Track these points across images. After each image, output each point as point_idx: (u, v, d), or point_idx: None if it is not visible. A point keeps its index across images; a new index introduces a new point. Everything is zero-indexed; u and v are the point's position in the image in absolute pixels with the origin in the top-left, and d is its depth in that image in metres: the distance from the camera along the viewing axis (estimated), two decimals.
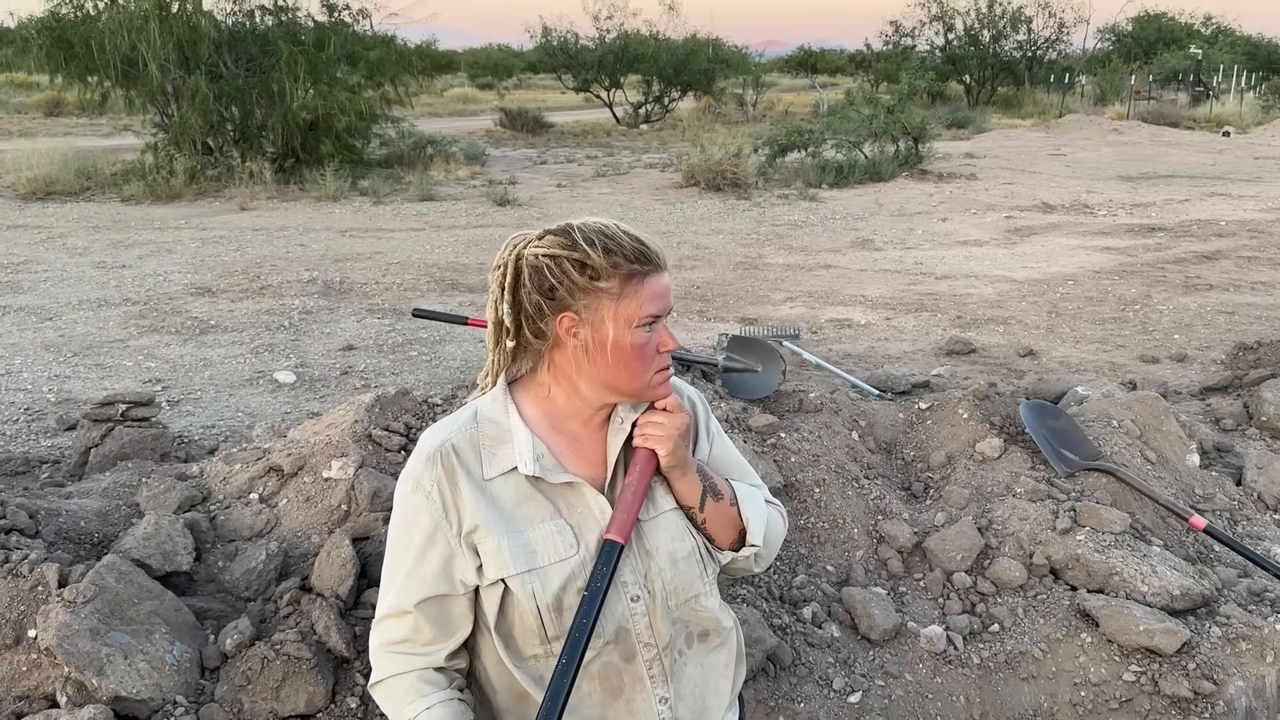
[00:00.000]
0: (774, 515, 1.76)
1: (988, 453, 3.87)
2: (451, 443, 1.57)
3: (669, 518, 1.63)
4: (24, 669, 2.63)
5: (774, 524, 1.74)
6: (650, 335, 1.54)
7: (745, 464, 1.80)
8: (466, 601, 1.59)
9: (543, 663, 1.59)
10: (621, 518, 1.54)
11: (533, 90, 44.21)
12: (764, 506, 1.72)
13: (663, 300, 1.53)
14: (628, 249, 1.51)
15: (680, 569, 1.63)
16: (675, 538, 1.63)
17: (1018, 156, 19.53)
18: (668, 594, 1.62)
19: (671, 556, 1.62)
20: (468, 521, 1.54)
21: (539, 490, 1.58)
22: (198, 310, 7.82)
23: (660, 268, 1.54)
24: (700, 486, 1.63)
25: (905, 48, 40.29)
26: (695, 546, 1.66)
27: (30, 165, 14.19)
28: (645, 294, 1.51)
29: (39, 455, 4.71)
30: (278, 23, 16.18)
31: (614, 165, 18.28)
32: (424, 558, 1.56)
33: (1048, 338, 7.15)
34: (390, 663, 1.60)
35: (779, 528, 1.77)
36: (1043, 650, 3.17)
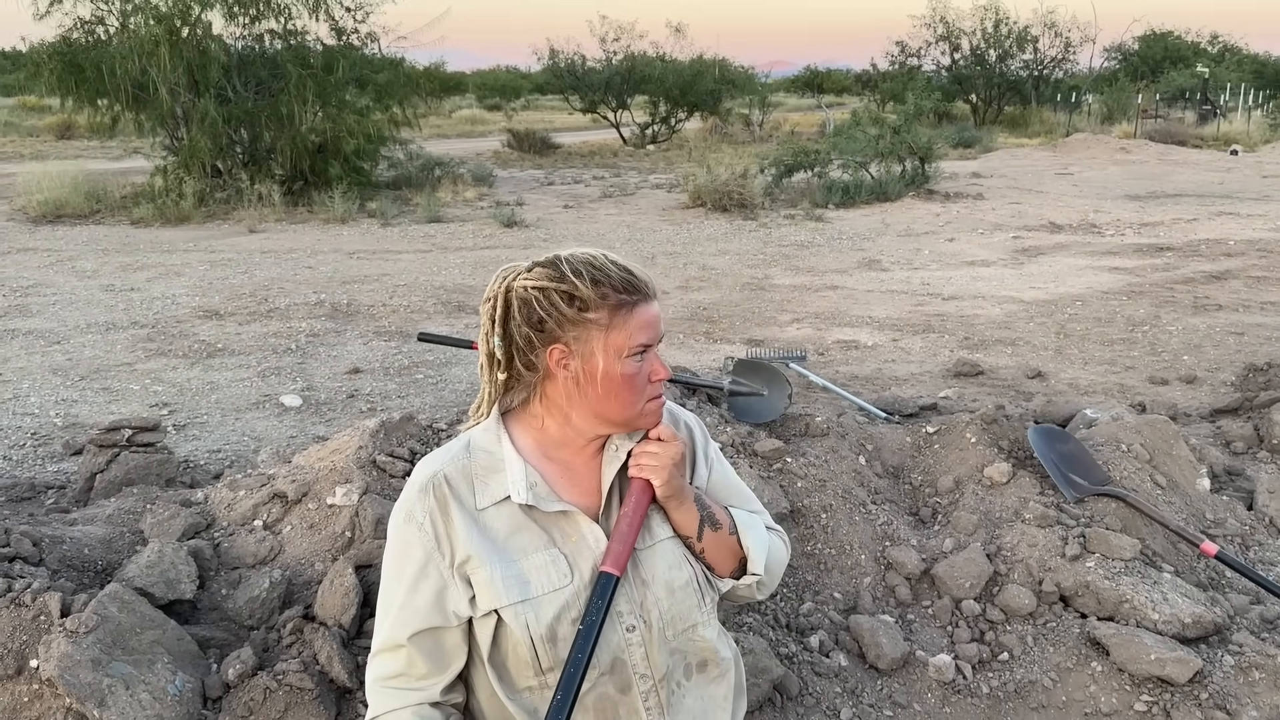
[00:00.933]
0: (775, 542, 1.74)
1: (996, 478, 3.84)
2: (444, 473, 1.57)
3: (666, 546, 1.62)
4: (25, 699, 2.61)
5: (776, 551, 1.73)
6: (641, 365, 1.54)
7: (746, 490, 1.79)
8: (460, 634, 1.58)
9: (537, 695, 1.58)
10: (617, 549, 1.54)
11: (540, 111, 44.44)
12: (765, 533, 1.71)
13: (652, 330, 1.53)
14: (615, 279, 1.50)
15: (677, 598, 1.62)
16: (672, 566, 1.62)
17: (1025, 176, 19.53)
18: (665, 624, 1.60)
19: (668, 585, 1.61)
20: (460, 552, 1.54)
21: (533, 519, 1.57)
22: (205, 333, 7.83)
23: (649, 297, 1.54)
24: (698, 515, 1.63)
25: (911, 68, 40.38)
26: (693, 575, 1.64)
27: (41, 188, 14.28)
28: (634, 324, 1.51)
29: (45, 480, 4.70)
30: (286, 46, 16.30)
31: (621, 186, 18.32)
32: (417, 589, 1.55)
33: (1056, 359, 7.12)
34: (386, 698, 1.58)
35: (781, 555, 1.76)
36: (1053, 679, 3.13)
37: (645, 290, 1.53)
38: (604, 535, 1.58)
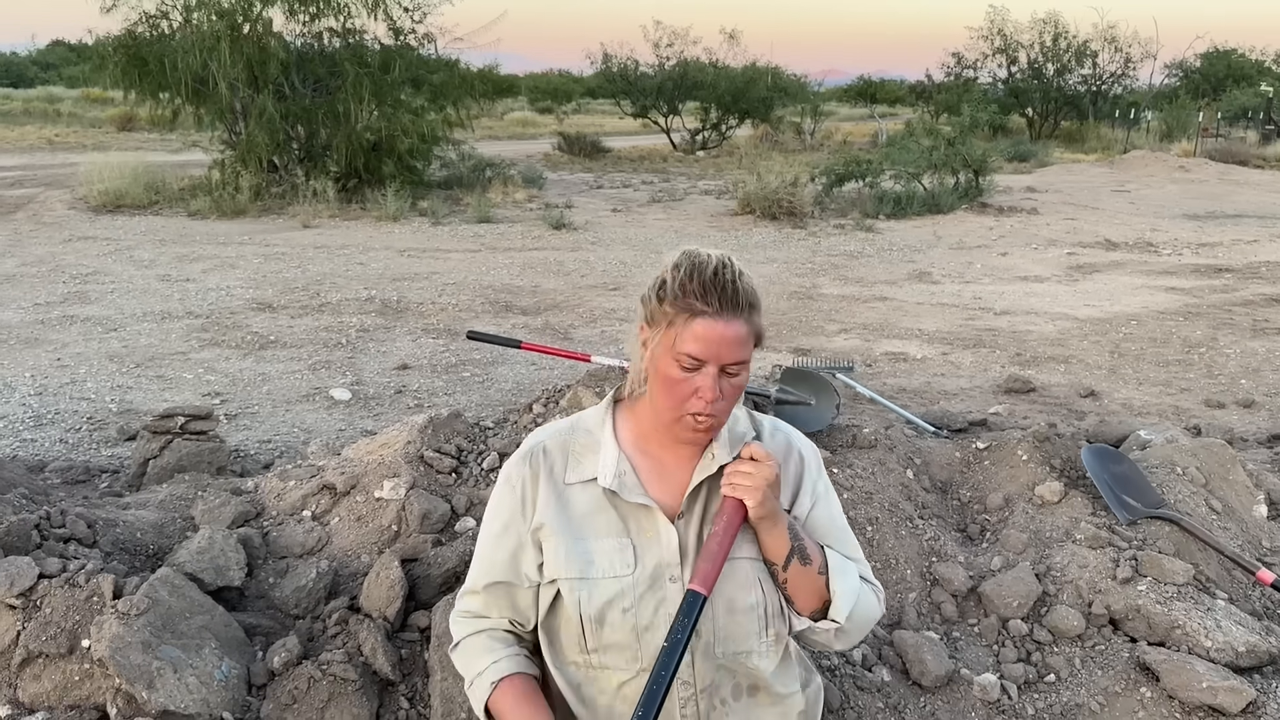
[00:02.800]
0: (867, 594, 1.66)
1: (1047, 496, 3.78)
2: (545, 444, 1.67)
3: (741, 565, 1.60)
4: (76, 678, 2.66)
5: (866, 603, 1.65)
6: (687, 377, 1.51)
7: (849, 533, 1.72)
8: (531, 594, 1.66)
9: (581, 671, 1.62)
10: (705, 568, 1.53)
11: (591, 115, 44.59)
12: (857, 582, 1.64)
13: (706, 347, 1.48)
14: (701, 285, 1.49)
15: (736, 620, 1.60)
16: (741, 586, 1.59)
17: (1080, 192, 19.24)
18: (715, 640, 1.60)
19: (730, 604, 1.59)
20: (538, 518, 1.62)
21: (613, 505, 1.61)
22: (258, 325, 7.95)
23: (722, 315, 1.48)
24: (789, 545, 1.58)
25: (967, 79, 39.97)
26: (762, 602, 1.60)
27: (102, 178, 14.59)
28: (690, 332, 1.49)
29: (99, 464, 4.80)
30: (345, 45, 16.50)
31: (670, 191, 18.33)
32: (498, 545, 1.67)
33: (1110, 379, 7.00)
34: (463, 627, 1.74)
35: (872, 610, 1.67)
36: (1100, 703, 3.07)
37: (721, 307, 1.48)
38: (676, 536, 1.59)
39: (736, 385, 1.54)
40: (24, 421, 5.57)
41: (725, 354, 1.49)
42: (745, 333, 1.50)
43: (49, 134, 27.36)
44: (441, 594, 3.06)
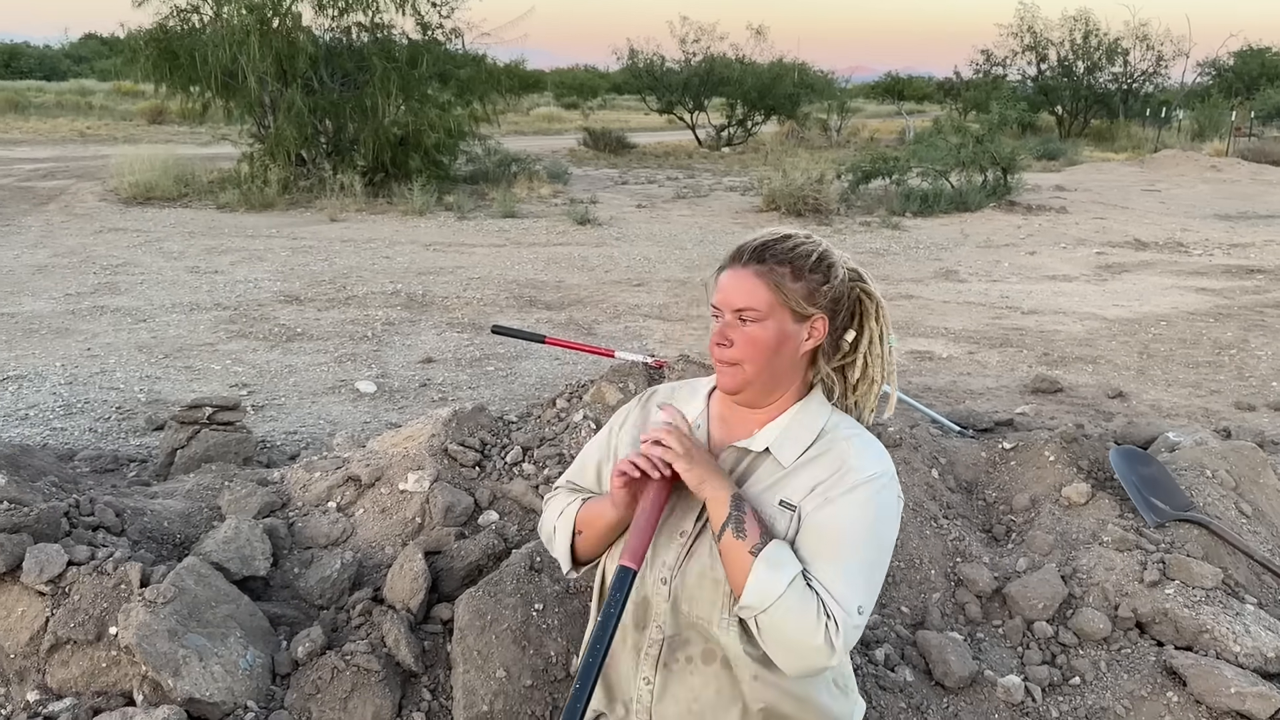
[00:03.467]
0: (799, 605, 1.50)
1: (1074, 498, 3.75)
2: (658, 389, 1.84)
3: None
4: (103, 665, 2.69)
5: (787, 612, 1.50)
6: (714, 325, 1.64)
7: (850, 558, 1.55)
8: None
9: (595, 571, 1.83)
10: (632, 543, 1.58)
11: (616, 111, 44.60)
12: (782, 583, 1.50)
13: (721, 295, 1.62)
14: (733, 246, 1.65)
15: (704, 586, 1.62)
16: (717, 558, 1.60)
17: (1110, 191, 19.05)
18: (683, 597, 1.64)
19: (702, 571, 1.62)
20: (620, 442, 1.79)
21: None
22: (285, 318, 8.00)
23: (734, 265, 1.62)
24: (726, 512, 1.55)
25: (996, 77, 39.64)
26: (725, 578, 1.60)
27: (133, 171, 14.73)
28: (717, 285, 1.64)
29: (128, 453, 4.85)
30: (373, 40, 16.57)
31: (694, 187, 18.30)
32: (589, 453, 1.86)
33: (1138, 380, 6.93)
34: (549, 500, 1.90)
35: (801, 624, 1.50)
36: (1126, 707, 3.04)
37: (734, 259, 1.62)
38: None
39: (750, 335, 1.59)
40: (54, 410, 5.64)
41: (733, 299, 1.59)
42: (752, 282, 1.58)
43: (81, 126, 27.68)
44: (464, 587, 3.07)
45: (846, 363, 1.68)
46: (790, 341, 1.60)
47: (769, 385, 1.63)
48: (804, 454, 1.62)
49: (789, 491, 1.60)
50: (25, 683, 2.70)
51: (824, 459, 1.61)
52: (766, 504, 1.60)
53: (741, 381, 1.62)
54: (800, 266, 1.59)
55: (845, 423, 1.68)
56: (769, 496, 1.61)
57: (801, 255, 1.60)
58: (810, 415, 1.65)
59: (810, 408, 1.66)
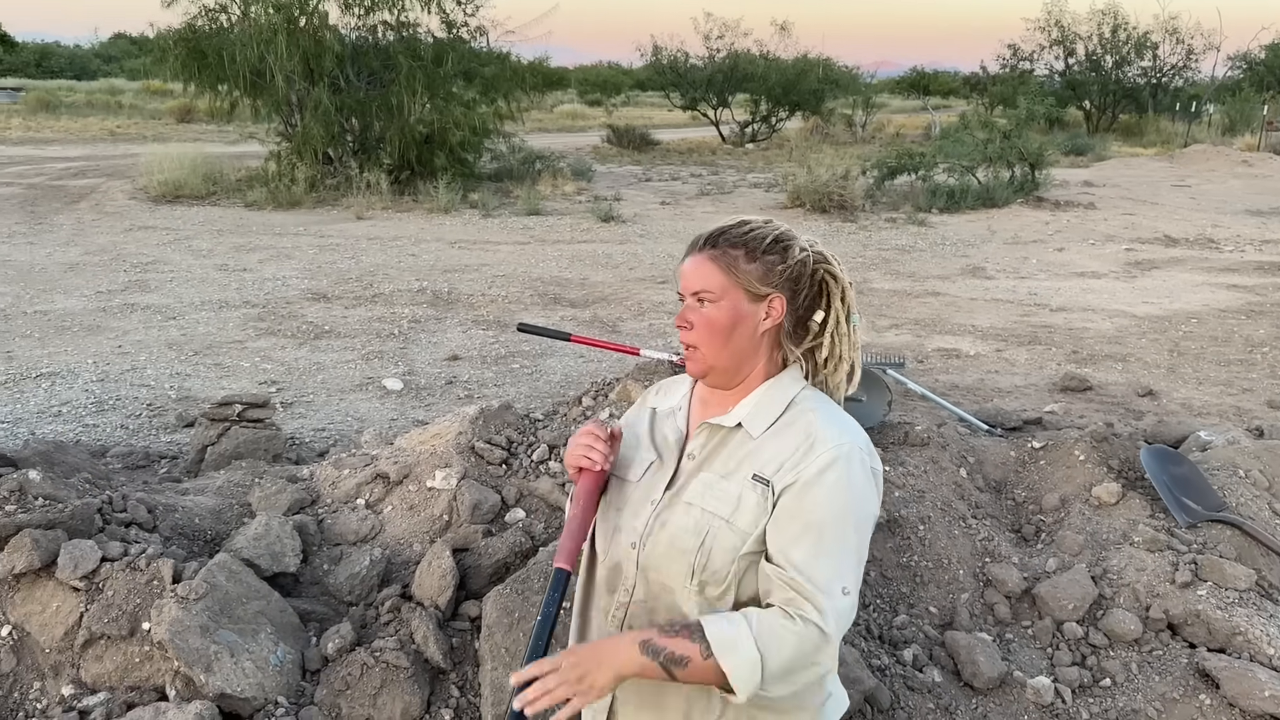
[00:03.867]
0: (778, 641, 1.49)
1: (1105, 498, 3.71)
2: (662, 383, 1.91)
3: (695, 513, 1.62)
4: (137, 660, 2.72)
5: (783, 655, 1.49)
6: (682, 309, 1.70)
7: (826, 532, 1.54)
8: None
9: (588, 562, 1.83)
10: (566, 544, 1.65)
11: (640, 108, 44.57)
12: (755, 648, 1.48)
13: (683, 281, 1.68)
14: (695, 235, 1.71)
15: (670, 556, 1.63)
16: (688, 531, 1.61)
17: (1139, 186, 18.86)
18: (650, 565, 1.66)
19: (671, 540, 1.63)
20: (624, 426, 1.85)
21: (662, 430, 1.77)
22: (313, 315, 8.06)
23: (691, 252, 1.68)
24: (646, 660, 1.50)
25: (1023, 71, 39.30)
26: (697, 558, 1.59)
27: (162, 169, 14.87)
28: (680, 274, 1.70)
29: (159, 450, 4.90)
30: (399, 38, 16.64)
31: (718, 184, 18.26)
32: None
33: (1169, 378, 6.85)
34: None
35: (795, 649, 1.50)
36: (1157, 709, 3.02)
37: (692, 246, 1.68)
38: (674, 468, 1.70)
39: (706, 316, 1.64)
40: (86, 407, 5.71)
41: (690, 283, 1.66)
42: (706, 265, 1.64)
43: (111, 125, 27.97)
44: (491, 584, 3.08)
45: (815, 344, 1.70)
46: (746, 321, 1.64)
47: (732, 366, 1.67)
48: (772, 425, 1.64)
49: (760, 464, 1.61)
50: (60, 677, 2.73)
51: (791, 430, 1.62)
52: (737, 478, 1.62)
53: (704, 365, 1.67)
54: (754, 248, 1.64)
55: (815, 396, 1.69)
56: (743, 470, 1.62)
57: (756, 238, 1.65)
58: (781, 389, 1.67)
59: (782, 383, 1.68)
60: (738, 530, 1.58)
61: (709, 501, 1.62)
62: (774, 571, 1.55)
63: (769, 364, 1.68)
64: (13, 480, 3.05)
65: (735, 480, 1.62)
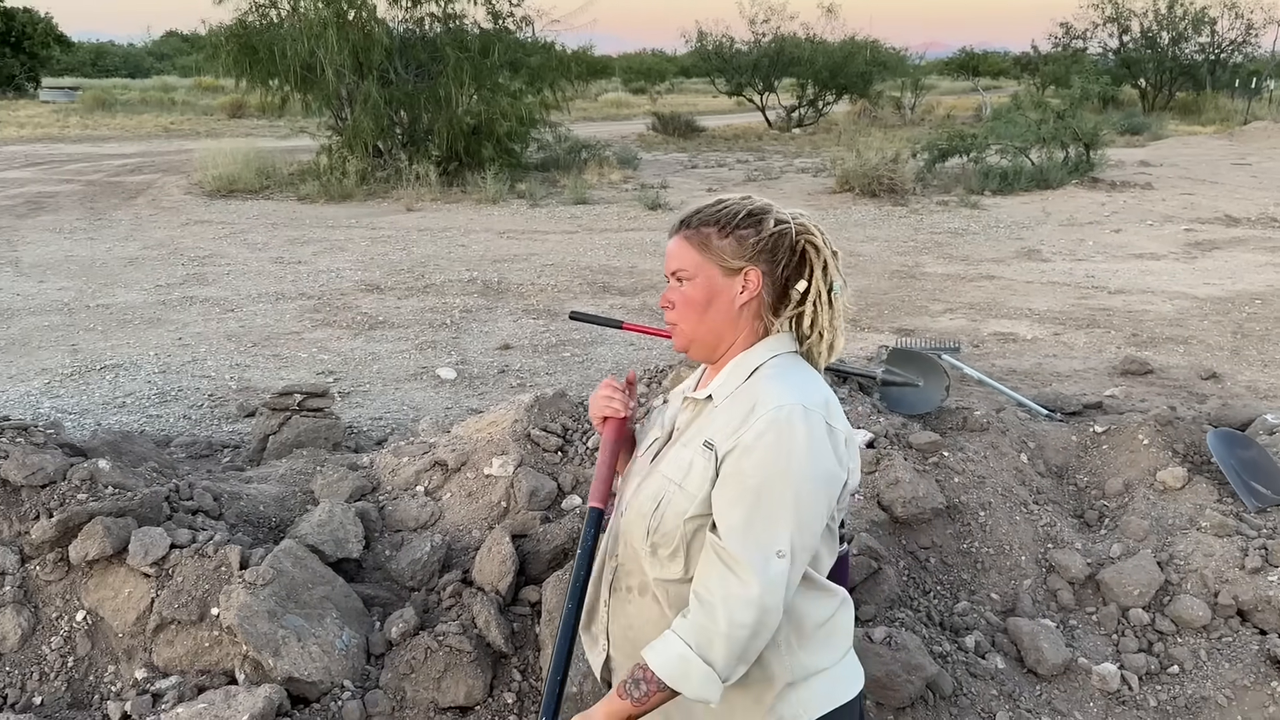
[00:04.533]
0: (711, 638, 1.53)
1: (1170, 482, 3.65)
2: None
3: (656, 480, 1.70)
4: (206, 645, 2.78)
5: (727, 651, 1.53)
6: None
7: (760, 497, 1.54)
8: None
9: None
10: (596, 486, 1.80)
11: (685, 95, 44.40)
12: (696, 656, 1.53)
13: (665, 264, 1.73)
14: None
15: (633, 520, 1.72)
16: (647, 495, 1.69)
17: (1198, 165, 18.42)
18: (622, 531, 1.76)
19: (638, 507, 1.70)
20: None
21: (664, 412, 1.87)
22: (367, 306, 8.16)
23: (670, 235, 1.73)
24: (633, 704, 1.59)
25: (1076, 50, 38.51)
26: (651, 521, 1.66)
27: (216, 164, 15.11)
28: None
29: (221, 439, 5.00)
30: (446, 30, 16.73)
31: (765, 170, 18.15)
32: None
33: (1232, 360, 6.70)
34: None
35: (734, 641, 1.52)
36: (1227, 697, 2.96)
37: (672, 229, 1.73)
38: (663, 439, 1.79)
39: (684, 294, 1.70)
40: (150, 398, 5.83)
41: (668, 264, 1.72)
42: (681, 245, 1.69)
43: (165, 122, 28.47)
44: (549, 570, 3.11)
45: (797, 313, 1.70)
46: (722, 295, 1.68)
47: (712, 339, 1.71)
48: (734, 392, 1.67)
49: (711, 431, 1.64)
50: (134, 661, 2.80)
51: (741, 397, 1.64)
52: (692, 444, 1.67)
53: (684, 341, 1.73)
54: (726, 223, 1.67)
55: (780, 364, 1.67)
56: (699, 437, 1.66)
57: (727, 214, 1.68)
58: (750, 358, 1.69)
59: (752, 353, 1.69)
60: (687, 494, 1.63)
61: (669, 469, 1.69)
62: (710, 540, 1.59)
63: (749, 336, 1.71)
64: (84, 469, 3.13)
65: (691, 447, 1.66)
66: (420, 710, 2.74)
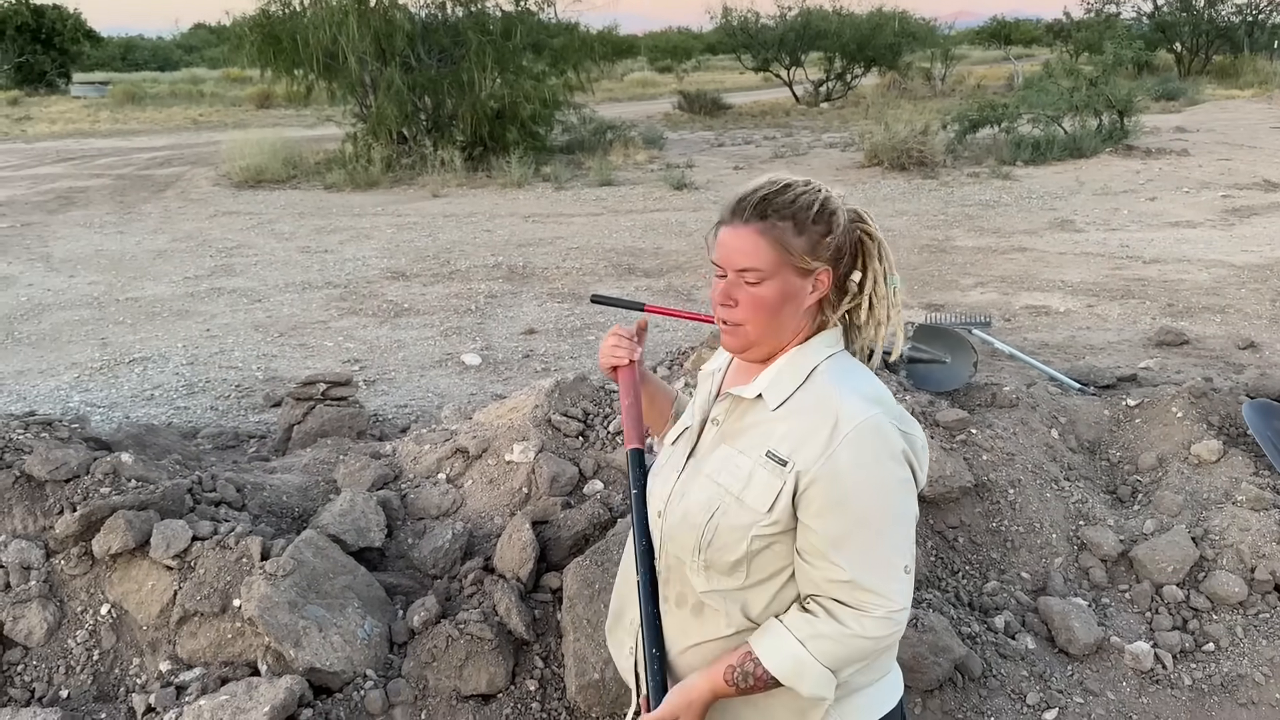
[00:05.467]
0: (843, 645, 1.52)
1: (1205, 455, 3.56)
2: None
3: (708, 487, 1.60)
4: (229, 636, 2.79)
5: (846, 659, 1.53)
6: (718, 283, 1.60)
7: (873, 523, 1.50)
8: None
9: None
10: (631, 430, 1.80)
11: (711, 72, 44.07)
12: (791, 648, 1.52)
13: (720, 253, 1.58)
14: (730, 200, 1.59)
15: (682, 529, 1.63)
16: (700, 507, 1.60)
17: (1235, 130, 18.02)
18: (666, 535, 1.66)
19: (685, 513, 1.62)
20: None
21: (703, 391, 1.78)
22: (392, 294, 8.17)
23: (733, 222, 1.56)
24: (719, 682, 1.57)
25: (1109, 15, 37.75)
26: (704, 533, 1.58)
27: (243, 155, 15.19)
28: (715, 242, 1.60)
29: (247, 430, 5.02)
30: (467, 13, 16.68)
31: (793, 146, 17.98)
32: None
33: (1271, 329, 6.54)
34: None
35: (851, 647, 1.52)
36: (1265, 674, 2.89)
37: (734, 215, 1.57)
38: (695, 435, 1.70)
39: (755, 295, 1.55)
40: (178, 390, 5.87)
41: (734, 259, 1.55)
42: (754, 240, 1.53)
43: (193, 114, 28.68)
44: (571, 556, 3.08)
45: (853, 305, 1.62)
46: (796, 298, 1.57)
47: (775, 343, 1.61)
48: (791, 396, 1.58)
49: (776, 441, 1.55)
50: (158, 653, 2.82)
51: (809, 405, 1.56)
52: (752, 453, 1.57)
53: (745, 342, 1.61)
54: (803, 219, 1.54)
55: (837, 364, 1.61)
56: (757, 445, 1.57)
57: (803, 207, 1.54)
58: (804, 357, 1.60)
59: (807, 350, 1.61)
60: (747, 507, 1.55)
61: (723, 476, 1.59)
62: (828, 574, 1.51)
63: (807, 330, 1.62)
64: (106, 463, 3.15)
65: (749, 455, 1.57)
66: (442, 699, 2.73)
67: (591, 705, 2.67)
